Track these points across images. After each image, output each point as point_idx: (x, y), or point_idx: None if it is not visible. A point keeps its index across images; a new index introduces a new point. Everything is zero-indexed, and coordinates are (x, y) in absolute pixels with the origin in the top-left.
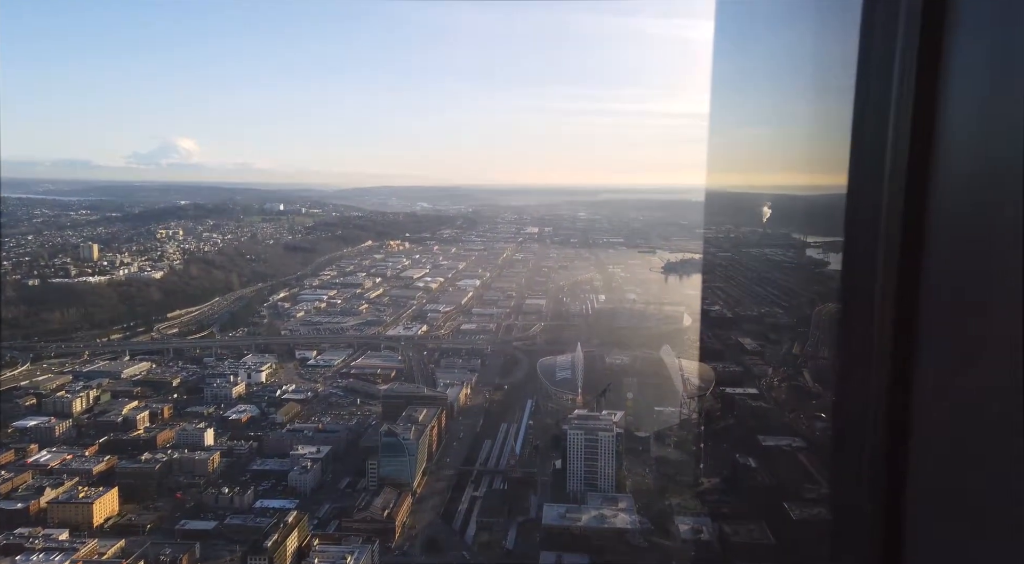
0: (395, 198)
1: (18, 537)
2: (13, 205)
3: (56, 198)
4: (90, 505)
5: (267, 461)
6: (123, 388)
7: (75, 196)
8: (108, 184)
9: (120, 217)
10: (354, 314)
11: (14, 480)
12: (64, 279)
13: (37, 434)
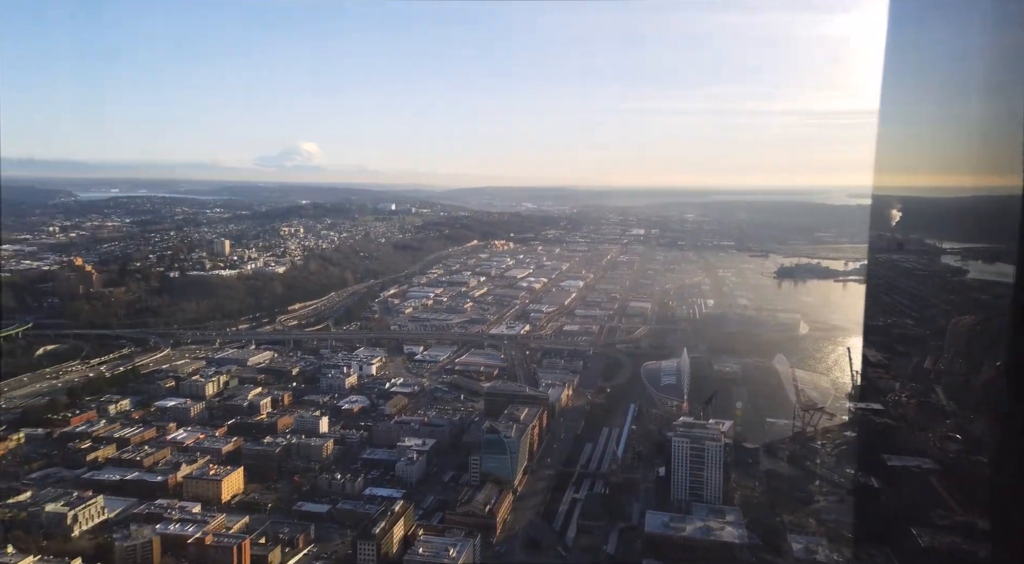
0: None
1: (158, 508)
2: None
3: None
4: (219, 482)
5: (376, 450)
6: (249, 375)
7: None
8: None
9: (249, 215)
10: (459, 312)
11: (155, 454)
12: (200, 272)
13: (175, 414)
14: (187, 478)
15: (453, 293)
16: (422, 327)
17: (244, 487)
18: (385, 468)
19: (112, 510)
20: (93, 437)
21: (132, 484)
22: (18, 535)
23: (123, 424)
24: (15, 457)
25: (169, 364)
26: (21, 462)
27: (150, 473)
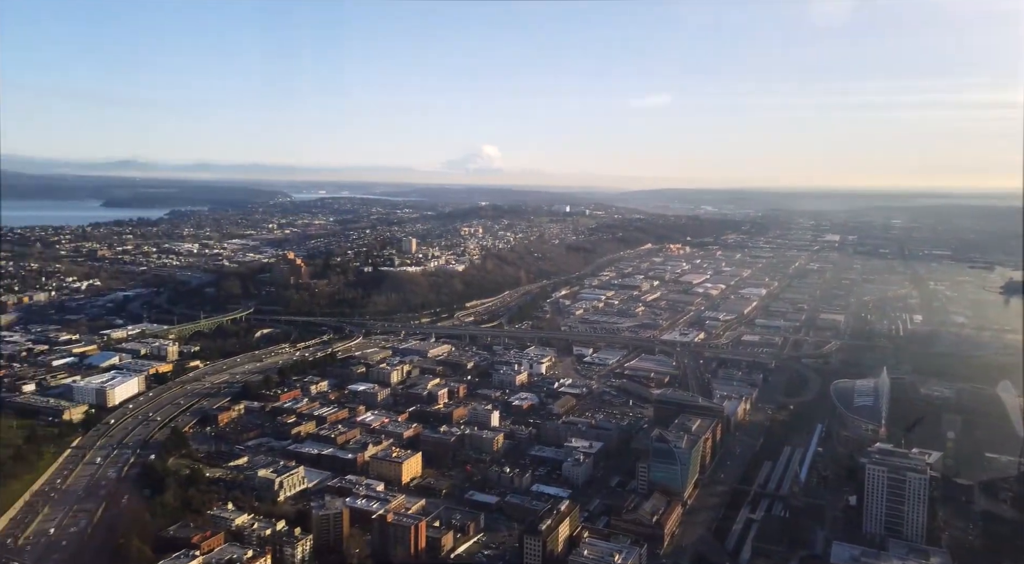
0: (678, 201)
1: (348, 482)
2: (357, 204)
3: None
4: (400, 465)
5: (544, 449)
6: (428, 366)
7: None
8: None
9: (434, 215)
10: (630, 316)
11: (347, 434)
12: (389, 268)
13: (364, 398)
14: (373, 458)
15: (624, 296)
16: (592, 329)
17: (421, 471)
18: (552, 466)
19: (311, 481)
20: (297, 413)
21: (327, 459)
22: (236, 495)
23: (321, 403)
24: (236, 425)
25: (361, 352)
26: (240, 430)
27: (342, 450)
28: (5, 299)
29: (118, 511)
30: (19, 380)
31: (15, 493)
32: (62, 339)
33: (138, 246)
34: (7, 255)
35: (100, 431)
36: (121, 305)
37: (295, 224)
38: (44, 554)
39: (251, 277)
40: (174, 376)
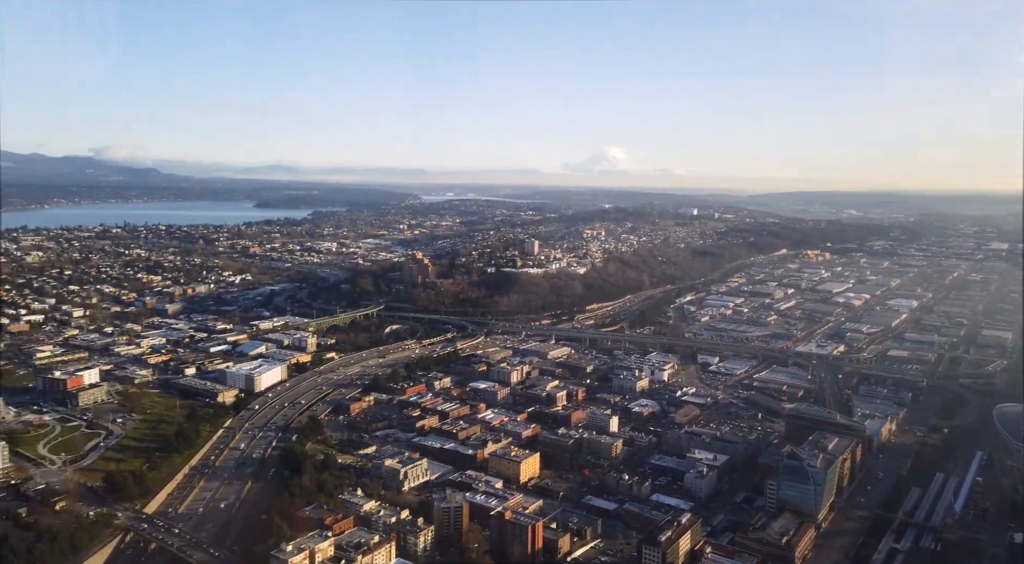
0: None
1: (467, 477)
2: (482, 206)
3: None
4: (519, 464)
5: (665, 458)
6: (548, 368)
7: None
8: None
9: (556, 218)
10: (761, 324)
11: (468, 430)
12: (512, 269)
13: (485, 396)
14: (492, 455)
15: (755, 304)
16: (719, 337)
17: (539, 472)
18: (673, 476)
19: (433, 473)
20: (422, 407)
21: (449, 453)
22: (365, 482)
23: (444, 399)
24: (366, 415)
25: (482, 350)
26: (370, 420)
27: (463, 445)
28: (173, 290)
29: (261, 489)
30: (182, 364)
31: (177, 466)
32: (218, 328)
33: (284, 244)
34: (176, 250)
35: (248, 414)
36: (268, 298)
37: (424, 225)
38: (200, 523)
39: (382, 275)
40: (312, 366)
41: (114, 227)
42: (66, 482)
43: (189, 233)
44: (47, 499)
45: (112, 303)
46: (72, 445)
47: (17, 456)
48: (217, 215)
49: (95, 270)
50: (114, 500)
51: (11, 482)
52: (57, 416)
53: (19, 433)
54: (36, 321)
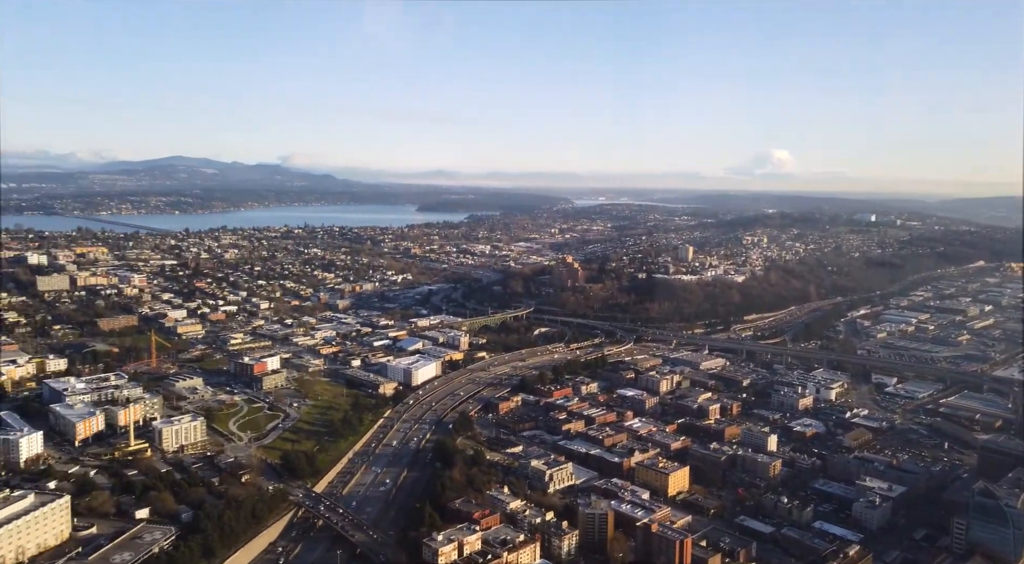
0: None
1: (613, 485)
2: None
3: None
4: (667, 476)
5: (830, 483)
6: (700, 379)
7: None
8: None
9: (713, 223)
10: (950, 344)
11: (614, 437)
12: (663, 275)
13: (632, 403)
14: (639, 465)
15: (943, 321)
16: (897, 356)
17: (688, 486)
18: (839, 504)
19: (578, 478)
20: (568, 411)
21: (594, 459)
22: (511, 480)
23: (591, 404)
24: (513, 415)
25: (631, 357)
26: (517, 420)
27: (609, 452)
28: (343, 287)
29: (416, 478)
30: (349, 356)
31: (343, 450)
32: (381, 324)
33: (442, 246)
34: (347, 250)
35: (405, 406)
36: (426, 297)
37: (575, 229)
38: (361, 505)
39: (533, 278)
40: (464, 364)
41: (296, 228)
42: (251, 457)
43: (359, 234)
44: (235, 471)
45: (292, 297)
46: (256, 424)
47: (212, 431)
48: (383, 218)
49: (279, 267)
50: (289, 477)
51: (207, 454)
52: (245, 397)
53: (214, 410)
54: (231, 311)
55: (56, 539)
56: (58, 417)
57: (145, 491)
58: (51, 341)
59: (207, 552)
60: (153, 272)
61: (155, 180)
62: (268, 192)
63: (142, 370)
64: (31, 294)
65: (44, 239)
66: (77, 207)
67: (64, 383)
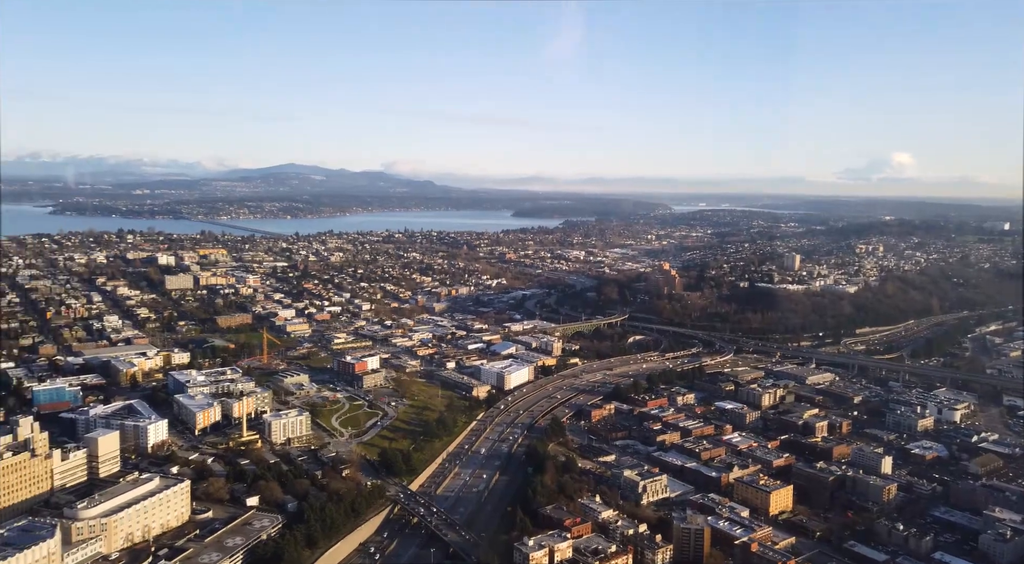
0: None
1: (710, 501)
2: (737, 216)
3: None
4: (768, 494)
5: (953, 512)
6: (805, 394)
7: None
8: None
9: (823, 230)
10: None
11: (712, 451)
12: (767, 284)
13: (731, 417)
14: (738, 481)
15: None
16: None
17: (792, 506)
18: (963, 535)
19: (672, 491)
20: (663, 421)
21: (690, 472)
22: (603, 490)
23: (687, 416)
24: (606, 424)
25: (730, 368)
26: (610, 429)
27: (706, 466)
28: (440, 290)
29: (508, 482)
30: (444, 358)
31: (437, 450)
32: (476, 327)
33: (536, 251)
34: (444, 254)
35: (498, 409)
36: (520, 302)
37: (672, 235)
38: (454, 505)
39: (628, 285)
40: (557, 370)
41: (396, 232)
42: (351, 453)
43: (455, 239)
44: (336, 466)
45: (392, 299)
46: (356, 421)
47: (316, 426)
48: (479, 223)
49: (380, 270)
50: (386, 474)
51: (311, 447)
52: (346, 394)
53: (318, 406)
54: (335, 312)
55: (177, 520)
56: (181, 407)
57: (255, 480)
58: (176, 336)
59: (310, 542)
60: (266, 273)
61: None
62: (372, 198)
63: (255, 365)
64: (160, 292)
65: (172, 241)
66: (201, 212)
67: (187, 375)
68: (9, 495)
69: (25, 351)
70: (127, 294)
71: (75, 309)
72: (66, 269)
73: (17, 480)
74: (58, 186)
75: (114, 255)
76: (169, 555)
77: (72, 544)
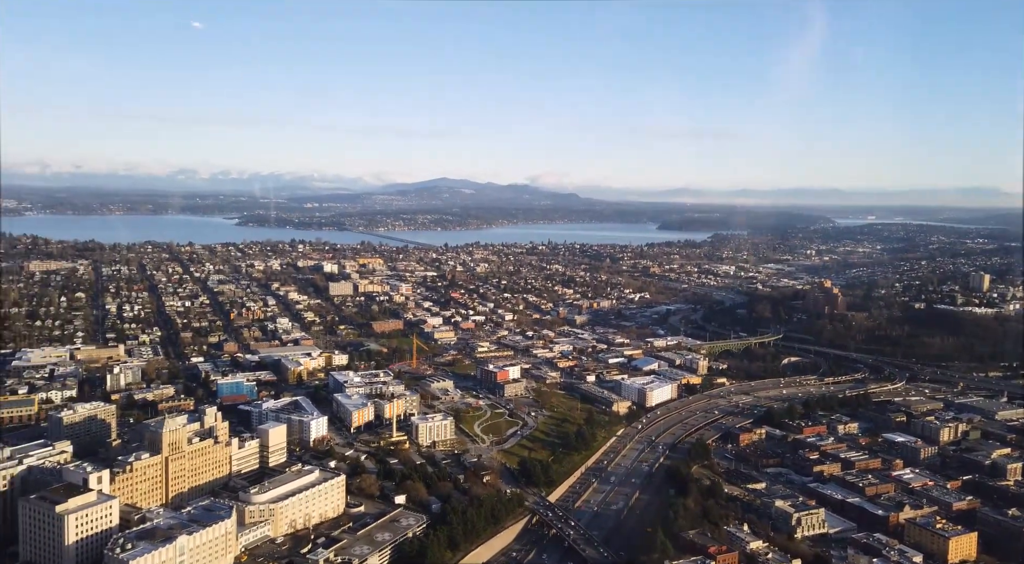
0: None
1: (876, 541)
2: (912, 231)
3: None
4: (947, 540)
5: None
6: (994, 430)
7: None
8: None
9: (1018, 247)
10: None
11: (878, 486)
12: (948, 306)
13: (902, 451)
14: (910, 522)
15: None
16: None
17: (976, 556)
18: None
19: (831, 526)
20: (821, 450)
21: (852, 508)
22: (751, 518)
23: (849, 446)
24: (755, 449)
25: (901, 398)
26: (760, 455)
27: (871, 503)
28: (581, 303)
29: (648, 502)
30: (584, 371)
31: (576, 464)
32: (617, 341)
33: (682, 265)
34: (586, 267)
35: (638, 426)
36: (663, 317)
37: (835, 251)
38: (592, 522)
39: (783, 302)
40: (702, 389)
41: (540, 244)
42: (492, 460)
43: (598, 251)
44: (478, 471)
45: (534, 311)
46: (497, 429)
47: (459, 431)
48: (623, 236)
49: (523, 281)
50: (525, 483)
51: (454, 451)
52: (488, 402)
53: (462, 412)
54: (479, 321)
55: (334, 512)
56: (339, 405)
57: (403, 479)
58: (336, 339)
59: (452, 544)
60: (417, 282)
61: (423, 200)
62: (517, 211)
63: (404, 369)
64: (324, 297)
65: (336, 251)
66: (362, 223)
67: (345, 376)
68: (196, 476)
69: (212, 348)
70: (296, 299)
71: (253, 311)
72: (247, 274)
73: (203, 463)
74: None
75: (287, 263)
76: (326, 544)
77: (245, 526)
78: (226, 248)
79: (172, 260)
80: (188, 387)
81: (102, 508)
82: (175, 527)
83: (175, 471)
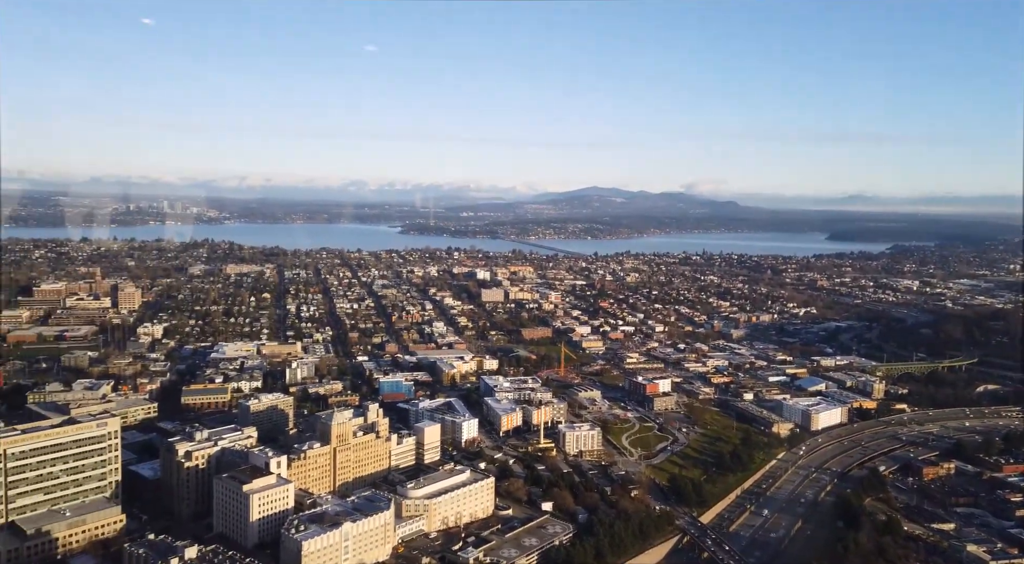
0: None
1: None
2: None
3: None
4: None
5: None
6: None
7: None
8: None
9: None
10: None
11: None
12: None
13: None
14: None
15: None
16: None
17: None
18: None
19: None
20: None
21: None
22: (936, 562)
23: None
24: (943, 484)
25: None
26: (948, 492)
27: None
28: (738, 316)
29: (812, 532)
30: (741, 388)
31: (730, 485)
32: (778, 359)
33: (855, 279)
34: (744, 279)
35: (801, 451)
36: (832, 335)
37: None
38: (748, 548)
39: (978, 322)
40: (877, 415)
41: (694, 254)
42: (640, 474)
43: (758, 263)
44: (625, 485)
45: (686, 323)
46: (646, 443)
47: (607, 442)
48: (787, 246)
49: (675, 292)
50: (675, 501)
51: (601, 462)
52: (636, 415)
53: (609, 423)
54: (628, 331)
55: (483, 513)
56: (489, 409)
57: (550, 486)
58: (487, 344)
59: (598, 556)
60: (566, 290)
61: (573, 209)
62: (670, 219)
63: (552, 377)
64: (477, 303)
65: (488, 258)
66: (513, 232)
67: (495, 380)
68: (359, 468)
69: (375, 348)
70: (451, 304)
71: (412, 315)
72: (407, 280)
73: (366, 456)
74: (406, 209)
75: (443, 269)
76: (476, 543)
77: (402, 518)
78: (389, 254)
79: (343, 265)
80: (354, 383)
81: (280, 490)
82: (341, 514)
83: (341, 462)
